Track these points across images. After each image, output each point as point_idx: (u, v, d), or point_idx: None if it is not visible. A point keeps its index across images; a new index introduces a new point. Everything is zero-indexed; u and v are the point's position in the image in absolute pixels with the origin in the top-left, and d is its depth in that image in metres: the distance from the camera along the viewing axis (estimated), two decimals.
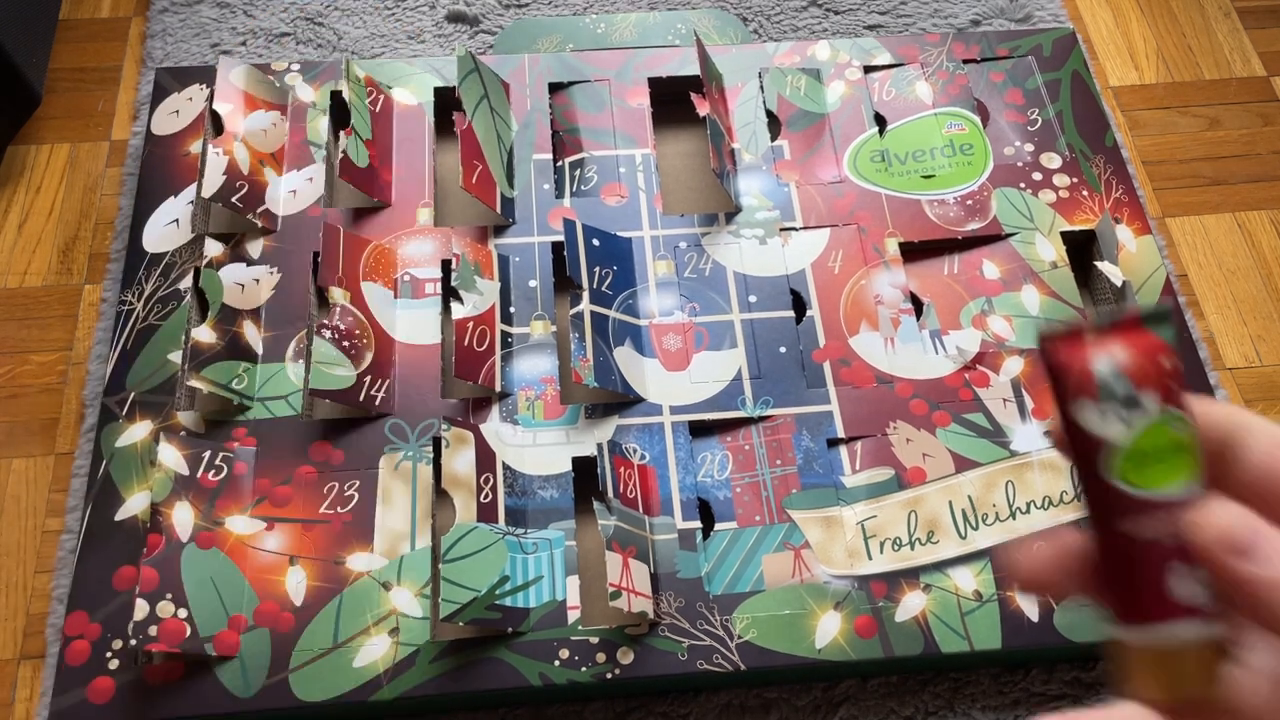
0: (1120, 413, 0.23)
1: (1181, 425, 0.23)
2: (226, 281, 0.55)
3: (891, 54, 0.65)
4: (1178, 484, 0.23)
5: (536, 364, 0.54)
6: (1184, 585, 0.23)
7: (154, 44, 0.69)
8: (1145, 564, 0.23)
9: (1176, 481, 0.23)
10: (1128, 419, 0.23)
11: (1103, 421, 0.23)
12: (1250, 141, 0.69)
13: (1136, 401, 0.23)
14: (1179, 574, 0.23)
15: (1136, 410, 0.23)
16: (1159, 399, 0.23)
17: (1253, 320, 0.62)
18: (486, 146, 0.58)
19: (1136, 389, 0.23)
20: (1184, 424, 0.23)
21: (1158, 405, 0.23)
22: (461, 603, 0.45)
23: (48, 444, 0.56)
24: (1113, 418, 0.23)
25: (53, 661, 0.49)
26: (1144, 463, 0.23)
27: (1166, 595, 0.23)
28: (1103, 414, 0.23)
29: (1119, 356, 0.23)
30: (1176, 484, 0.23)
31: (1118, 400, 0.23)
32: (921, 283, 0.57)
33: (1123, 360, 0.23)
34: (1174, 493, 0.23)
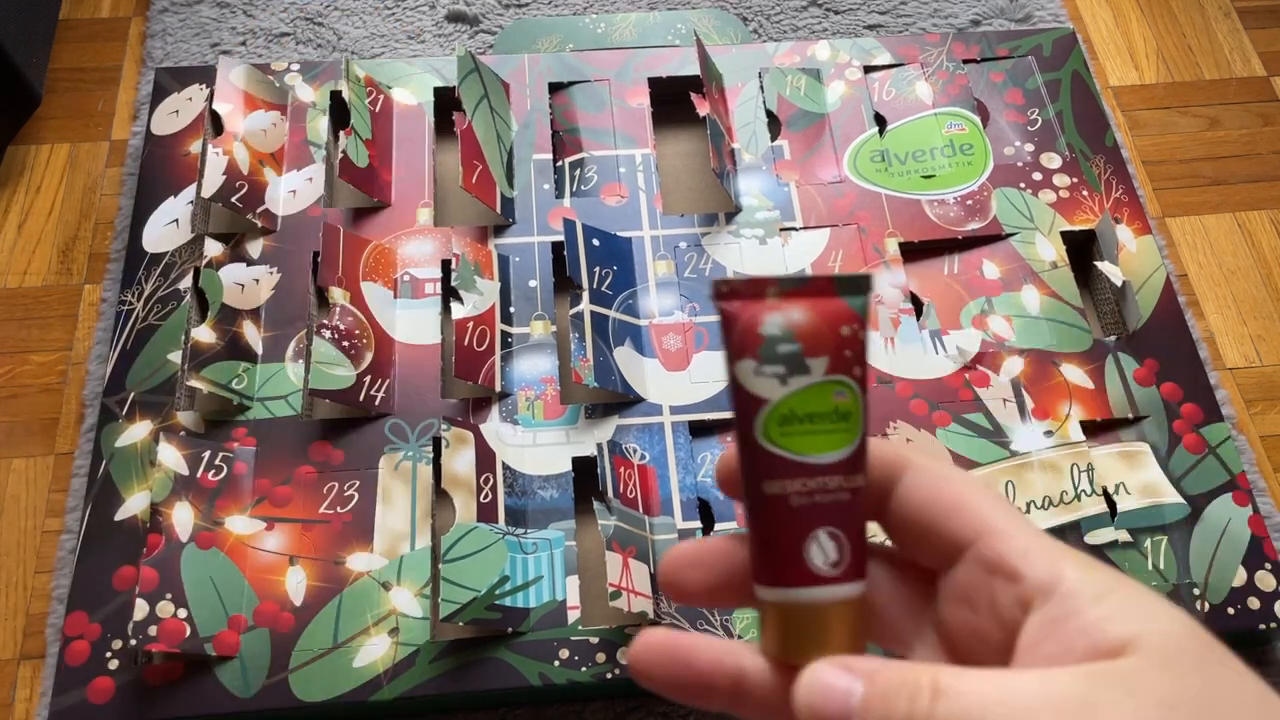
0: (779, 372, 0.22)
1: (846, 393, 0.23)
2: (226, 281, 0.55)
3: (891, 54, 0.65)
4: (827, 451, 0.23)
5: (536, 364, 0.54)
6: (820, 553, 0.22)
7: (154, 44, 0.69)
8: (784, 528, 0.23)
9: (826, 448, 0.23)
10: (785, 379, 0.22)
11: (756, 379, 0.23)
12: (1250, 141, 0.69)
13: (800, 364, 0.22)
14: (817, 541, 0.23)
15: (797, 372, 0.22)
16: (828, 366, 0.22)
17: (1253, 320, 0.62)
18: (486, 146, 0.58)
19: (804, 352, 0.23)
20: (850, 392, 0.23)
21: (824, 371, 0.22)
22: (461, 603, 0.45)
23: (47, 444, 0.56)
24: (770, 377, 0.22)
25: (52, 661, 0.49)
26: (792, 424, 0.23)
27: (802, 561, 0.23)
28: (759, 372, 0.23)
29: (794, 317, 0.23)
30: (826, 451, 0.23)
31: (779, 360, 0.22)
32: (921, 283, 0.57)
33: (797, 321, 0.23)
34: (821, 459, 0.23)
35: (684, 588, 0.25)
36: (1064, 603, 0.20)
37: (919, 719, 0.19)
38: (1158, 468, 0.52)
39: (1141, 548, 0.49)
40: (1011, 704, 0.19)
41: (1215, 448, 0.52)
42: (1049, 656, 0.20)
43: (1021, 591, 0.21)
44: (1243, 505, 0.51)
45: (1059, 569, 0.21)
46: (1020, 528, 0.22)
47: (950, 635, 0.23)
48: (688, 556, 0.25)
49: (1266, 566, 0.49)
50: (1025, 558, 0.21)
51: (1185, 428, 0.53)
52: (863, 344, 0.23)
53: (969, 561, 0.22)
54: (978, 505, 0.22)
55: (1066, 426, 0.52)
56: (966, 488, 0.23)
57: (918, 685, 0.20)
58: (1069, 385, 0.54)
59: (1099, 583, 0.20)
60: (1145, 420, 0.53)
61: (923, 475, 0.23)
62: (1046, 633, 0.20)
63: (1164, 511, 0.50)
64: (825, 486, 0.23)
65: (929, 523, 0.23)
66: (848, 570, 0.23)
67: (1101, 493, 0.51)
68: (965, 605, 0.23)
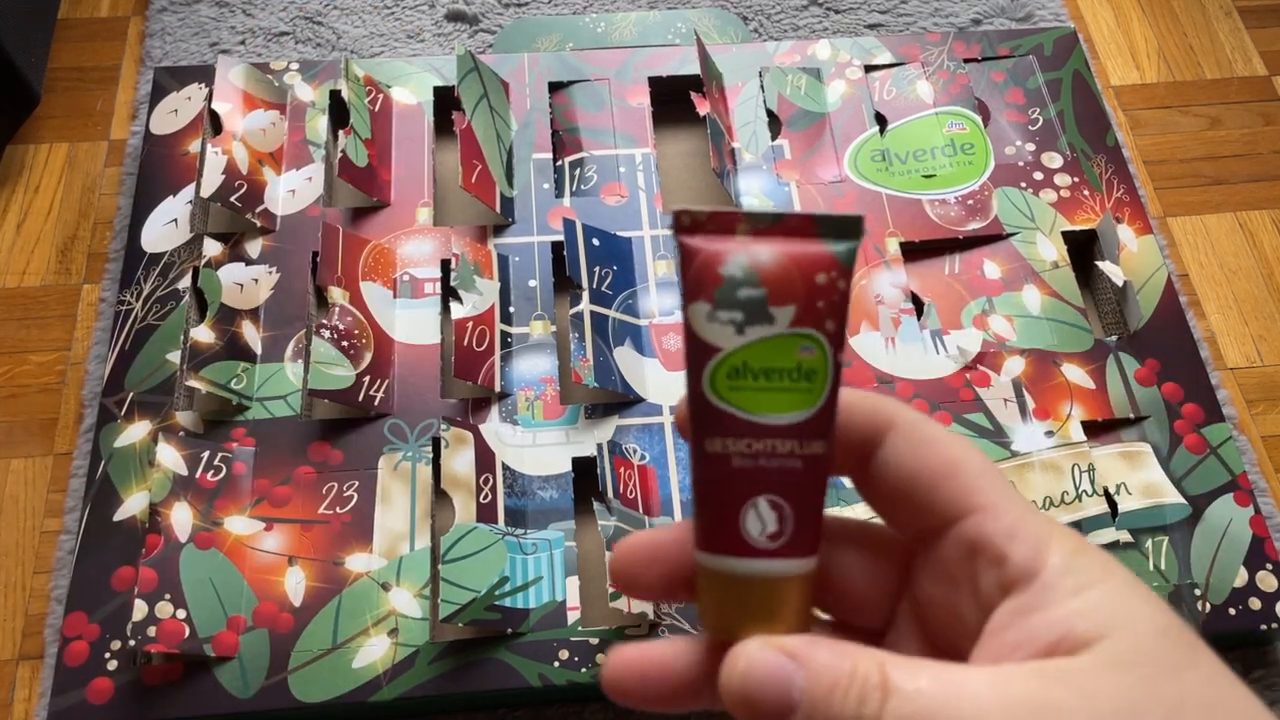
0: (735, 319, 0.20)
1: (814, 349, 0.20)
2: (225, 281, 0.55)
3: (892, 53, 0.65)
4: (781, 412, 0.20)
5: (536, 364, 0.54)
6: (758, 522, 0.20)
7: (153, 43, 0.69)
8: (721, 490, 0.20)
9: (779, 408, 0.20)
10: (743, 327, 0.20)
11: (709, 325, 0.20)
12: (1251, 141, 0.69)
13: (762, 311, 0.19)
14: (756, 509, 0.20)
15: (758, 321, 0.20)
16: (795, 316, 0.20)
17: (1254, 320, 0.62)
18: (486, 146, 0.58)
19: (768, 298, 0.19)
20: (819, 348, 0.20)
21: (789, 322, 0.20)
22: (461, 603, 0.45)
23: (46, 444, 0.56)
24: (725, 323, 0.20)
25: (51, 662, 0.49)
26: (744, 379, 0.20)
27: (738, 529, 0.20)
28: (712, 317, 0.20)
29: (762, 258, 0.20)
30: (779, 411, 0.20)
31: (737, 305, 0.20)
32: (922, 282, 0.57)
33: (765, 263, 0.20)
34: (772, 420, 0.20)
35: (637, 584, 0.23)
36: (1040, 592, 0.19)
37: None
38: (1159, 468, 0.52)
39: (1143, 548, 0.49)
40: (961, 708, 0.18)
41: (1216, 448, 0.52)
42: (1011, 645, 0.19)
43: (1004, 575, 0.20)
44: (1244, 505, 0.51)
45: (1044, 555, 0.19)
46: (1010, 504, 0.20)
47: (927, 615, 0.22)
48: (640, 550, 0.23)
49: (1268, 567, 0.49)
50: (1011, 539, 0.20)
51: (1186, 428, 0.53)
52: (842, 295, 0.20)
53: (953, 538, 0.21)
54: (966, 474, 0.21)
55: (1067, 427, 0.52)
56: (955, 453, 0.21)
57: (866, 683, 0.18)
58: (1070, 385, 0.54)
59: (1082, 573, 0.19)
60: (1146, 420, 0.53)
61: (908, 438, 0.21)
62: (1014, 619, 0.19)
63: (1165, 512, 0.50)
64: (773, 450, 0.20)
65: (912, 493, 0.21)
66: (789, 545, 0.20)
67: (1102, 493, 0.51)
68: (945, 584, 0.21)
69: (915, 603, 0.22)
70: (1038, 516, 0.20)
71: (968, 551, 0.20)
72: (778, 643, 0.19)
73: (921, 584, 0.22)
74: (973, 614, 0.20)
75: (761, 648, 0.19)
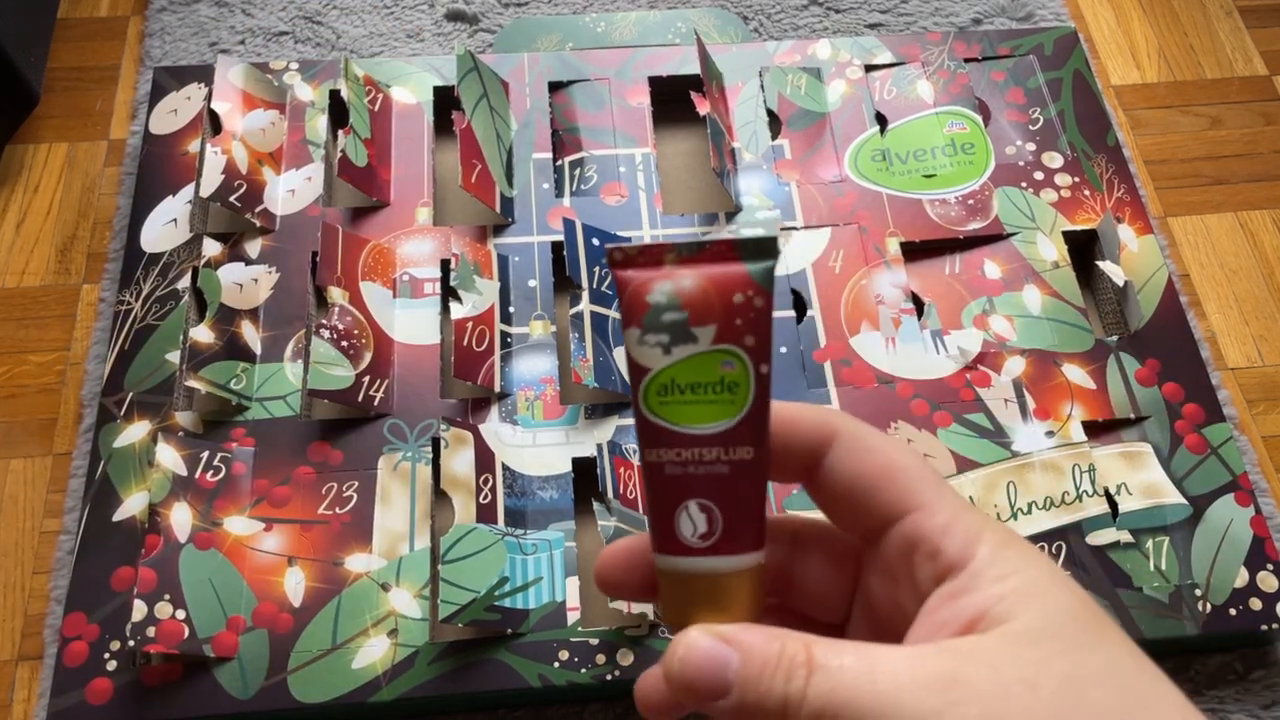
0: (662, 341, 0.22)
1: (735, 363, 0.22)
2: (225, 281, 0.55)
3: (892, 53, 0.65)
4: (705, 422, 0.22)
5: (536, 364, 0.54)
6: (689, 524, 0.22)
7: (152, 43, 0.69)
8: (659, 495, 0.22)
9: (704, 419, 0.22)
10: (669, 348, 0.22)
11: (640, 348, 0.22)
12: (1252, 141, 0.69)
13: (685, 332, 0.22)
14: (687, 511, 0.22)
15: (682, 341, 0.22)
16: (715, 335, 0.22)
17: (1255, 320, 0.62)
18: (486, 146, 0.58)
19: (689, 321, 0.22)
20: (739, 362, 0.22)
21: (710, 340, 0.22)
22: (461, 604, 0.45)
23: (46, 444, 0.56)
24: (653, 346, 0.22)
25: (51, 663, 0.49)
26: (671, 394, 0.22)
27: (675, 531, 0.22)
28: (642, 341, 0.22)
29: (684, 284, 0.22)
30: (704, 422, 0.22)
31: (662, 328, 0.22)
32: (923, 282, 0.57)
33: (686, 288, 0.22)
34: (697, 430, 0.22)
35: (621, 587, 0.25)
36: (968, 579, 0.21)
37: (793, 696, 0.19)
38: (1159, 468, 0.51)
39: (1143, 548, 0.49)
40: (880, 681, 0.19)
41: (1217, 448, 0.52)
42: (938, 624, 0.20)
43: (938, 567, 0.21)
44: (1245, 506, 0.51)
45: (974, 547, 0.21)
46: (944, 503, 0.22)
47: (875, 607, 0.24)
48: (620, 557, 0.25)
49: (1268, 567, 0.49)
50: (945, 534, 0.21)
51: (1187, 428, 0.53)
52: (759, 311, 0.22)
53: (893, 536, 0.22)
54: (904, 478, 0.22)
55: (1068, 427, 0.52)
56: (893, 459, 0.23)
57: (794, 661, 0.20)
58: (1070, 385, 0.54)
59: (1007, 562, 0.21)
60: (1147, 420, 0.53)
61: (850, 446, 0.23)
62: (943, 603, 0.21)
63: (1166, 512, 0.50)
64: (700, 458, 0.22)
65: (856, 496, 0.23)
66: (720, 543, 0.22)
67: (1103, 493, 0.50)
68: (888, 578, 0.23)
69: (865, 597, 0.24)
70: (971, 513, 0.22)
71: (906, 547, 0.22)
72: (714, 630, 0.21)
73: (869, 580, 0.24)
74: (911, 604, 0.22)
75: (700, 634, 0.21)
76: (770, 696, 0.20)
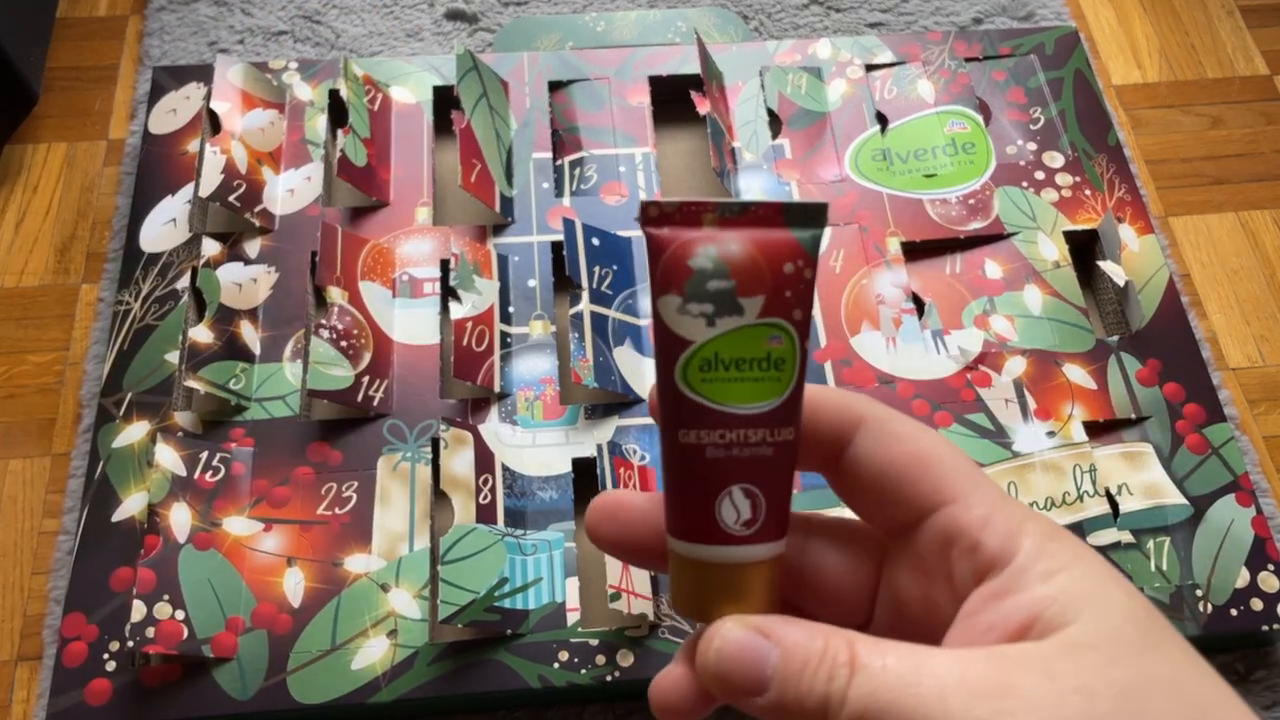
0: (706, 311, 0.20)
1: (783, 338, 0.20)
2: (224, 281, 0.54)
3: (893, 52, 0.65)
4: (752, 401, 0.20)
5: (536, 364, 0.54)
6: (733, 511, 0.20)
7: (151, 42, 0.69)
8: (697, 480, 0.21)
9: (751, 398, 0.20)
10: (713, 319, 0.20)
11: (680, 317, 0.20)
12: (1253, 140, 0.69)
13: (732, 303, 0.20)
14: (730, 497, 0.20)
15: (728, 312, 0.20)
16: (763, 306, 0.20)
17: (1256, 320, 0.62)
18: (485, 145, 0.58)
19: (737, 290, 0.20)
20: (787, 337, 0.20)
21: (758, 312, 0.20)
22: (460, 604, 0.45)
23: (45, 444, 0.56)
24: (696, 316, 0.20)
25: (50, 663, 0.49)
26: (715, 370, 0.20)
27: (713, 518, 0.20)
28: (683, 310, 0.20)
29: (731, 249, 0.20)
30: (750, 401, 0.20)
31: (708, 297, 0.20)
32: (923, 282, 0.57)
33: (734, 254, 0.20)
34: (744, 409, 0.20)
35: (600, 537, 0.23)
36: (1012, 577, 0.19)
37: (834, 696, 0.18)
38: (1160, 468, 0.51)
39: (1144, 549, 0.49)
40: (925, 684, 0.18)
41: (1218, 448, 0.52)
42: (982, 628, 0.19)
43: (977, 563, 0.20)
44: (1246, 506, 0.50)
45: (1016, 541, 0.20)
46: (983, 494, 0.21)
47: (904, 607, 0.22)
48: (608, 507, 0.23)
49: (1269, 568, 0.49)
50: (985, 528, 0.20)
51: (1188, 428, 0.53)
52: (808, 284, 0.20)
53: (927, 530, 0.21)
54: (938, 469, 0.21)
55: (1069, 427, 0.52)
56: (926, 447, 0.21)
57: (836, 660, 0.19)
58: (1071, 385, 0.54)
59: (1053, 558, 0.19)
60: (1148, 421, 0.53)
61: (878, 434, 0.22)
62: (986, 604, 0.19)
63: (1167, 512, 0.50)
64: (746, 439, 0.20)
65: (885, 487, 0.21)
66: (762, 530, 0.21)
67: (1104, 494, 0.50)
68: (921, 575, 0.21)
69: (892, 596, 0.22)
70: (1010, 505, 0.21)
71: (942, 542, 0.21)
72: (752, 621, 0.20)
73: (897, 577, 0.22)
74: (948, 603, 0.21)
75: (736, 626, 0.20)
76: (811, 695, 0.19)
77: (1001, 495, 0.21)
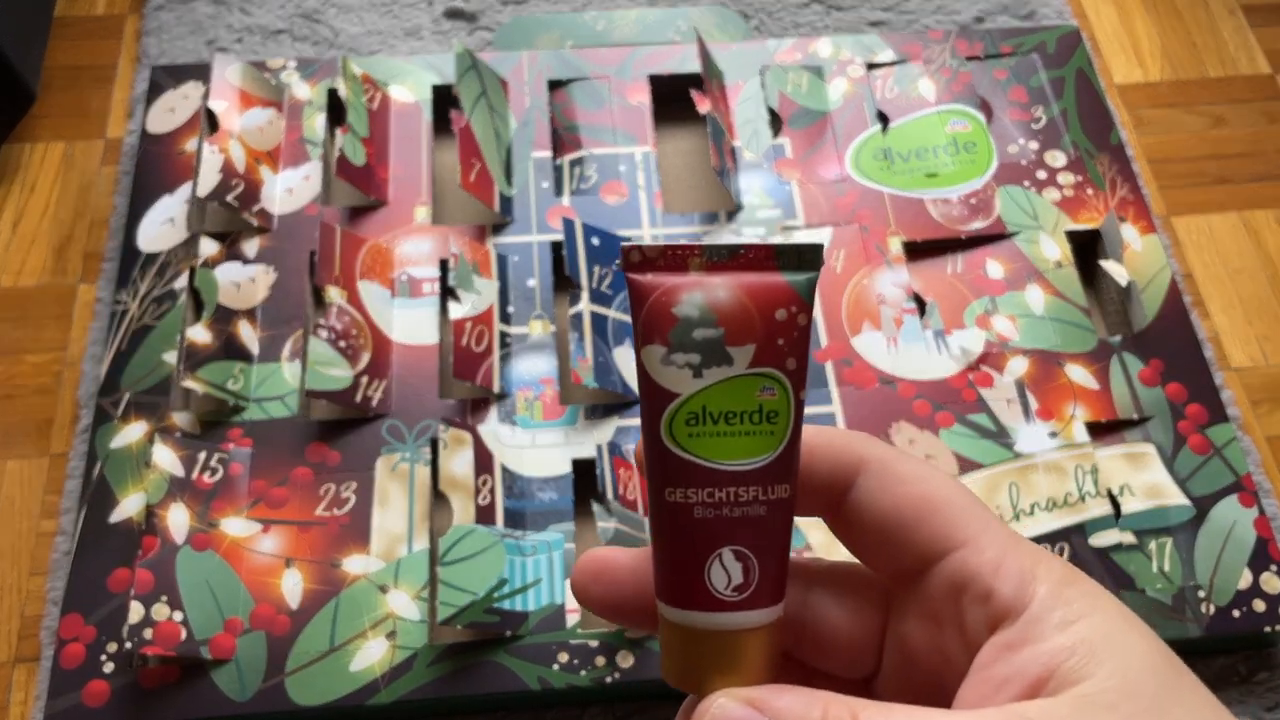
0: (692, 361, 0.19)
1: (775, 390, 0.19)
2: (222, 281, 0.54)
3: (894, 51, 0.65)
4: (743, 457, 0.19)
5: (535, 364, 0.53)
6: (723, 575, 0.19)
7: (149, 41, 0.69)
8: (684, 542, 0.19)
9: (741, 454, 0.19)
10: (700, 370, 0.19)
11: (665, 369, 0.19)
12: (1256, 140, 0.68)
13: (720, 352, 0.19)
14: (720, 560, 0.19)
15: (716, 363, 0.19)
16: (754, 356, 0.19)
17: (1258, 320, 0.62)
18: (484, 144, 0.58)
19: (725, 338, 0.19)
20: (780, 389, 0.19)
21: (749, 362, 0.19)
22: (459, 605, 0.45)
23: (42, 445, 0.56)
24: (682, 367, 0.19)
25: (47, 665, 0.49)
26: (703, 424, 0.19)
27: (702, 582, 0.19)
28: (667, 360, 0.19)
29: (718, 295, 0.19)
30: (740, 457, 0.19)
31: (694, 347, 0.19)
32: (924, 282, 0.57)
33: (721, 300, 0.19)
34: (734, 466, 0.19)
35: (587, 599, 0.22)
36: (1027, 626, 0.18)
37: None
38: (1163, 469, 0.51)
39: (1146, 550, 0.49)
40: None
41: (1221, 449, 0.52)
42: (998, 681, 0.18)
43: (990, 611, 0.19)
44: (1248, 507, 0.50)
45: (1030, 588, 0.19)
46: (993, 536, 0.20)
47: (913, 657, 0.21)
48: (594, 567, 0.22)
49: (1272, 568, 0.49)
50: (998, 573, 0.19)
51: (1190, 429, 0.52)
52: (802, 331, 0.19)
53: (936, 575, 0.20)
54: (946, 511, 0.20)
55: (1071, 427, 0.52)
56: (933, 489, 0.20)
57: None
58: (1073, 386, 0.53)
59: (1069, 605, 0.18)
60: (1150, 421, 0.53)
61: (881, 477, 0.21)
62: (1000, 655, 0.18)
63: (1169, 513, 0.50)
64: (736, 498, 0.19)
65: (890, 532, 0.20)
66: (755, 595, 0.19)
67: (1106, 494, 0.50)
68: (930, 623, 0.20)
69: (899, 645, 0.21)
70: (1023, 546, 0.20)
71: (952, 589, 0.20)
72: (743, 695, 0.19)
73: (905, 625, 0.21)
74: (960, 653, 0.20)
75: (728, 701, 0.19)
76: None
77: (1013, 537, 0.20)
